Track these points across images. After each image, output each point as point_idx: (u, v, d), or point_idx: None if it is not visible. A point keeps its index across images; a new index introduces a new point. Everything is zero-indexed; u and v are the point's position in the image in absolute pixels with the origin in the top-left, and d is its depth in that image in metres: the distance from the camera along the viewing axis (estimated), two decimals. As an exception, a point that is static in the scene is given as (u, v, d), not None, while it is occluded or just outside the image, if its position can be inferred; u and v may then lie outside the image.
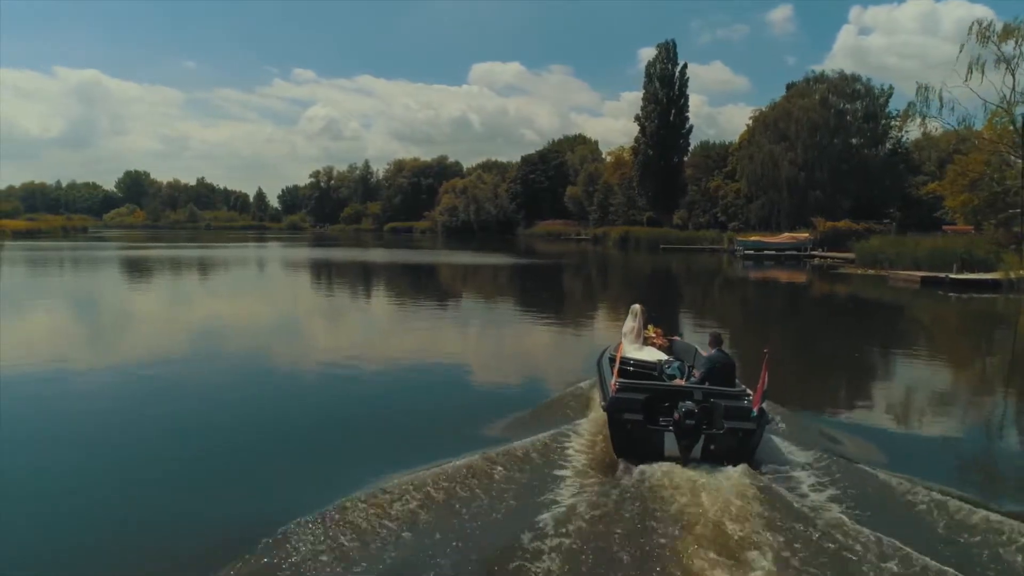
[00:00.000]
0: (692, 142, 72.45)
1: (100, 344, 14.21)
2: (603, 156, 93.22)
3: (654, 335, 9.57)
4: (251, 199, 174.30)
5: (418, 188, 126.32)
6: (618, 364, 7.74)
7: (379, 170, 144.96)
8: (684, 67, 71.22)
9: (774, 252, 46.63)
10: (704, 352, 8.44)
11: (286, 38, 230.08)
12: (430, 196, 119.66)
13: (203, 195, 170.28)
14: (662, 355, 8.83)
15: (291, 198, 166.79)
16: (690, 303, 25.40)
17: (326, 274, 34.67)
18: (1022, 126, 31.39)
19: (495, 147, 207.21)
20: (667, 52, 71.42)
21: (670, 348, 9.49)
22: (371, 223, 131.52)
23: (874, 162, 53.95)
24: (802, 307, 25.05)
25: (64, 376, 10.72)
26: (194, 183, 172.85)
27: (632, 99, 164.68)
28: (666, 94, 70.14)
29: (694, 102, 71.79)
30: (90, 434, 7.98)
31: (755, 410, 6.62)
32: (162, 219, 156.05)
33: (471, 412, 8.71)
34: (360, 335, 15.87)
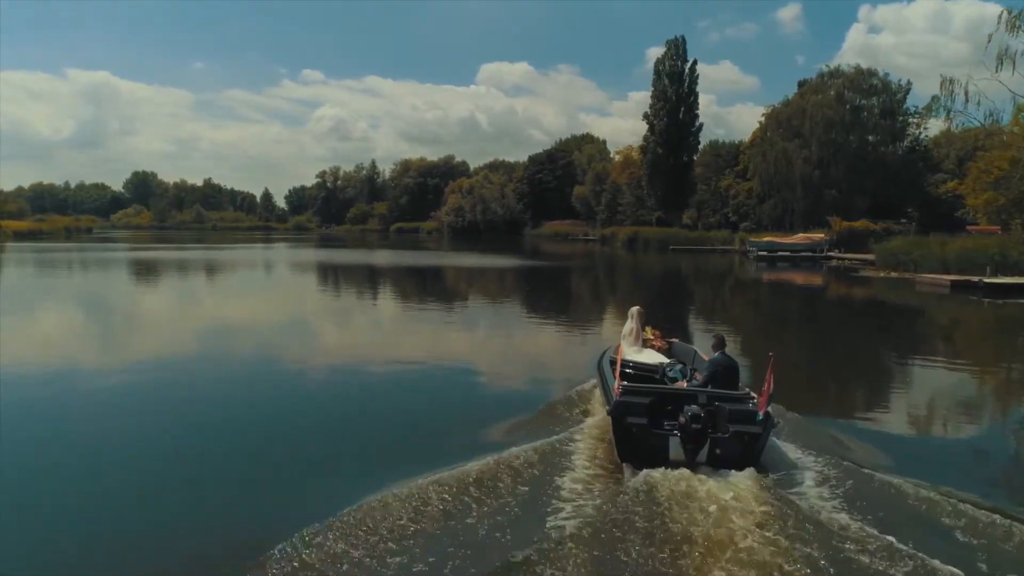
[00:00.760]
0: (701, 141, 71.15)
1: (86, 355, 13.38)
2: (611, 155, 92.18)
3: (652, 337, 9.54)
4: (258, 200, 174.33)
5: (424, 188, 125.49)
6: (619, 366, 7.60)
7: (385, 170, 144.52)
8: (694, 64, 69.78)
9: (788, 253, 45.00)
10: (703, 354, 8.50)
11: (294, 39, 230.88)
12: (436, 196, 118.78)
13: (210, 196, 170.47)
14: (662, 357, 8.80)
15: (298, 199, 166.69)
16: (703, 307, 24.04)
17: (331, 278, 33.68)
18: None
19: (503, 147, 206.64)
20: (676, 49, 69.97)
21: (669, 350, 9.43)
22: (377, 223, 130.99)
23: (892, 160, 52.16)
24: (823, 312, 23.55)
25: (56, 382, 10.52)
26: (201, 184, 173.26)
27: (640, 99, 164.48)
28: (675, 91, 68.70)
29: (702, 102, 70.20)
30: (90, 442, 7.78)
31: (760, 413, 6.47)
32: (169, 220, 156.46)
33: (474, 417, 8.59)
34: (361, 339, 15.68)
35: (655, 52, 79.06)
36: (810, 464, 6.65)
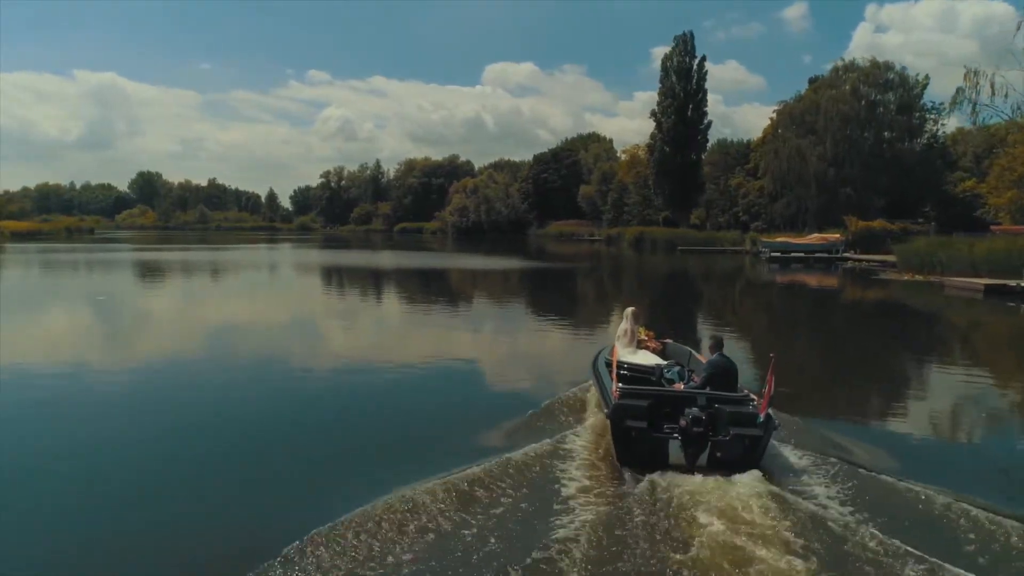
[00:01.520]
0: (710, 139, 69.41)
1: (77, 358, 12.47)
2: (618, 154, 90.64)
3: (646, 337, 9.42)
4: (263, 200, 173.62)
5: (429, 188, 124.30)
6: (615, 368, 7.43)
7: (390, 170, 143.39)
8: (702, 60, 67.96)
9: (802, 254, 43.21)
10: (699, 355, 8.52)
11: (300, 40, 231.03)
12: (441, 196, 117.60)
13: (214, 196, 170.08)
14: (658, 359, 8.70)
15: (303, 199, 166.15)
16: (714, 310, 22.45)
17: (332, 281, 32.45)
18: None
19: (509, 147, 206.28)
20: (684, 45, 68.22)
21: (663, 351, 9.30)
22: (381, 224, 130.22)
23: (909, 157, 50.24)
24: (844, 317, 21.84)
25: (50, 386, 10.13)
26: (205, 184, 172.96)
27: (646, 99, 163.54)
28: (683, 88, 66.98)
29: (709, 101, 68.07)
30: (88, 445, 7.56)
31: (761, 416, 6.35)
32: (172, 220, 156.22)
33: (471, 419, 8.43)
34: (360, 342, 15.35)
35: (660, 51, 77.37)
36: (813, 466, 6.51)
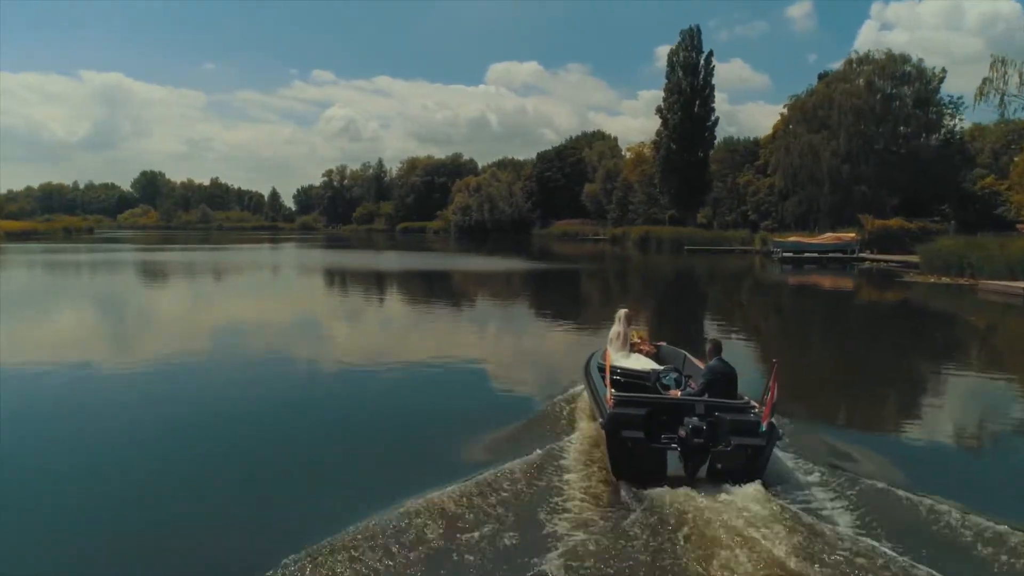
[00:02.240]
0: (717, 136, 67.57)
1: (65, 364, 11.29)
2: (622, 152, 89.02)
3: (639, 340, 9.11)
4: (265, 199, 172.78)
5: (431, 187, 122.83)
6: (608, 374, 7.09)
7: (392, 169, 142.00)
8: (709, 55, 66.06)
9: (816, 254, 41.48)
10: (694, 358, 8.28)
11: (304, 40, 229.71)
12: (444, 195, 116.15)
13: (216, 195, 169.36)
14: (652, 363, 8.42)
15: (305, 198, 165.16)
16: (728, 315, 20.78)
17: (335, 283, 31.25)
18: None
19: (514, 147, 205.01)
20: (691, 39, 66.43)
21: (657, 354, 9.04)
22: (384, 223, 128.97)
23: (926, 153, 48.30)
24: (872, 324, 20.03)
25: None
26: (207, 183, 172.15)
27: (649, 97, 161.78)
28: (690, 84, 65.21)
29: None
30: (87, 453, 7.34)
31: (764, 424, 5.99)
32: (174, 220, 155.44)
33: (459, 430, 7.97)
34: (347, 347, 14.59)
35: (664, 51, 75.75)
36: (818, 478, 6.25)
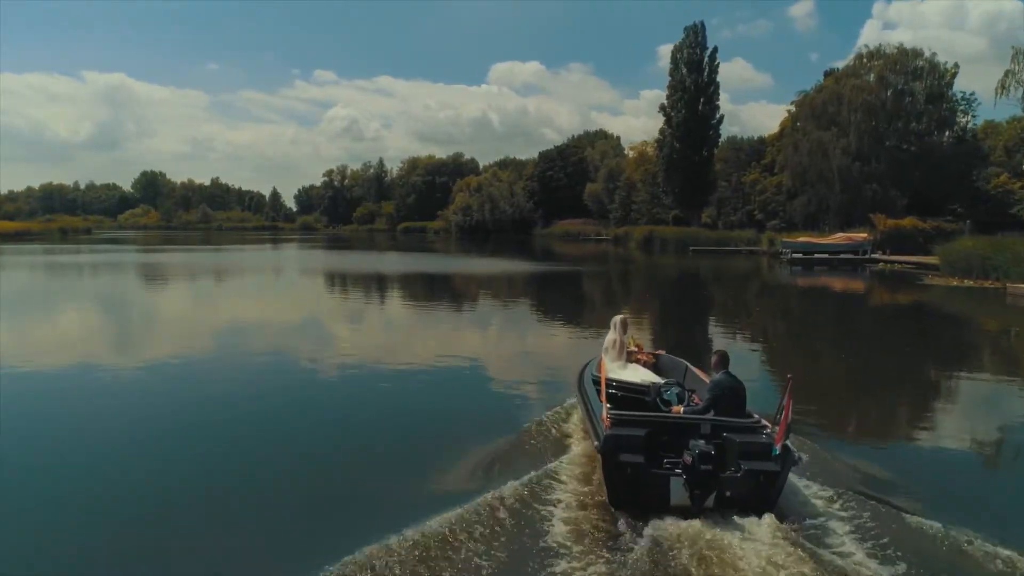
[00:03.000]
0: (721, 135, 66.10)
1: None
2: (625, 152, 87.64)
3: (636, 348, 8.61)
4: (267, 199, 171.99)
5: (432, 187, 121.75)
6: (604, 388, 6.61)
7: (393, 168, 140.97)
8: (714, 52, 64.57)
9: (827, 255, 40.06)
10: (696, 369, 7.86)
11: (305, 40, 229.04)
12: (445, 195, 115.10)
13: (217, 195, 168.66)
14: (651, 375, 7.87)
15: (306, 198, 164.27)
16: (738, 321, 19.42)
17: (336, 285, 30.12)
18: None
19: (516, 147, 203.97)
20: (695, 36, 64.97)
21: (656, 364, 8.54)
22: (384, 223, 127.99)
23: (940, 151, 46.75)
24: (892, 330, 18.48)
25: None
26: (208, 183, 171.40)
27: (652, 97, 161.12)
28: (694, 81, 63.75)
29: (717, 98, 64.60)
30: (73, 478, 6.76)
31: (778, 447, 5.33)
32: (175, 220, 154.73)
33: (439, 452, 7.36)
34: (330, 356, 13.63)
35: (667, 50, 74.38)
36: (839, 507, 5.62)
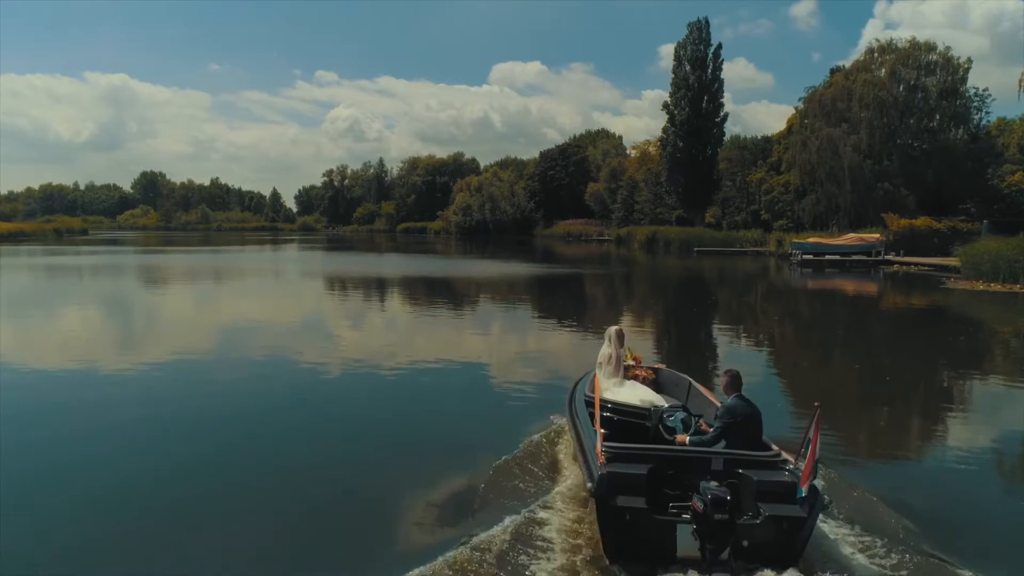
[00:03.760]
0: (726, 133, 64.60)
1: None
2: (627, 151, 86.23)
3: (634, 362, 7.58)
4: (267, 200, 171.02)
5: (433, 187, 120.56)
6: (598, 411, 5.67)
7: (393, 168, 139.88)
8: (718, 48, 63.00)
9: (838, 256, 38.61)
10: (700, 386, 6.98)
11: (308, 40, 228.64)
12: (445, 195, 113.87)
13: (217, 196, 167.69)
14: (651, 393, 6.72)
15: (307, 198, 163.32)
16: (754, 331, 18.02)
17: (336, 288, 29.10)
18: None
19: (517, 147, 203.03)
20: (699, 32, 63.46)
21: (656, 380, 7.53)
22: (384, 223, 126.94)
23: (954, 148, 45.12)
24: (918, 339, 16.96)
25: None
26: (208, 183, 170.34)
27: (653, 97, 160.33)
28: (698, 78, 62.26)
29: (719, 97, 63.13)
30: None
31: (803, 488, 4.42)
32: (174, 220, 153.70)
33: (415, 489, 6.23)
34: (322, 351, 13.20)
35: (668, 50, 73.32)
36: (875, 559, 4.63)
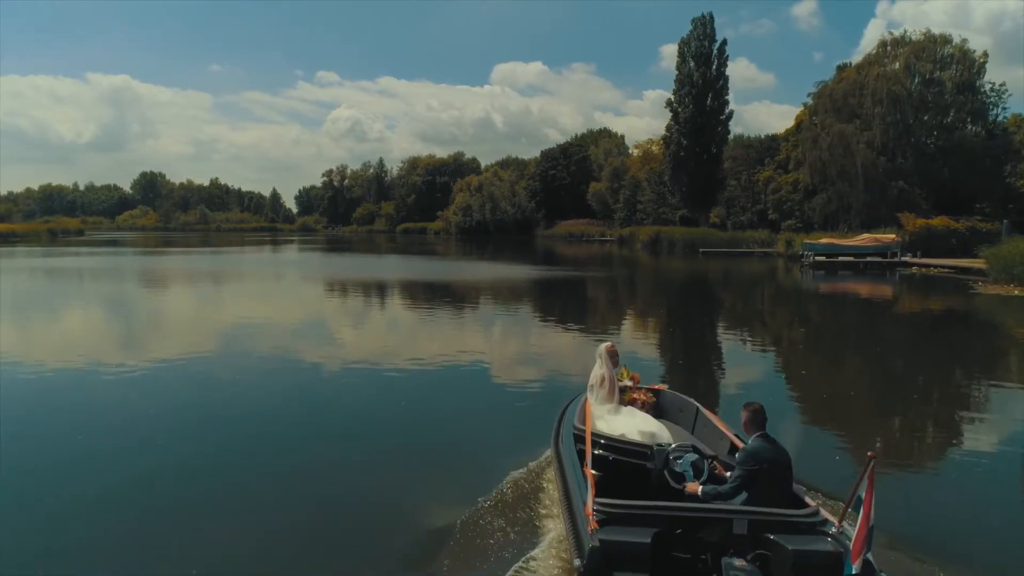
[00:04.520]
0: (730, 131, 63.01)
1: None
2: (629, 150, 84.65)
3: (631, 383, 6.39)
4: (267, 200, 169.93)
5: (433, 187, 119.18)
6: (589, 448, 4.71)
7: (393, 168, 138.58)
8: (723, 44, 61.38)
9: (852, 258, 36.93)
10: (708, 411, 5.78)
11: (309, 40, 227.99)
12: (445, 195, 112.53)
13: (216, 196, 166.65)
14: (652, 422, 5.43)
15: (306, 199, 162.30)
16: (772, 343, 16.41)
17: (336, 292, 27.66)
18: None
19: (519, 147, 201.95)
20: (703, 27, 61.79)
21: (656, 404, 6.28)
22: (384, 224, 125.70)
23: (971, 145, 43.33)
24: (978, 360, 14.65)
25: None
26: (207, 184, 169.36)
27: (655, 97, 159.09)
28: (702, 74, 60.56)
29: (722, 97, 61.53)
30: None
31: (855, 565, 3.26)
32: (173, 221, 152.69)
33: (418, 495, 5.88)
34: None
35: (669, 50, 71.89)
36: None
